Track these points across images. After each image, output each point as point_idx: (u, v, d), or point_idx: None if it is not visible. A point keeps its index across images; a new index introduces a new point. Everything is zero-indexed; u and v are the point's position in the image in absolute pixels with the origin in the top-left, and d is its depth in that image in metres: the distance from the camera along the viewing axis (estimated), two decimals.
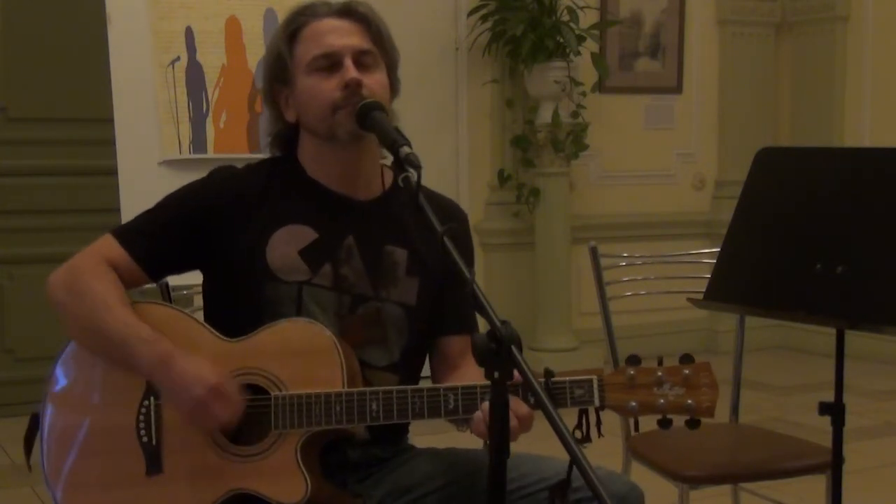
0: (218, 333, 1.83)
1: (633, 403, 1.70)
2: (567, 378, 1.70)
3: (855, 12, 6.21)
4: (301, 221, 1.90)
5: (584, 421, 1.69)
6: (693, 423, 1.71)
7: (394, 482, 1.93)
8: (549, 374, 1.65)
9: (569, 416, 1.51)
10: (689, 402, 1.70)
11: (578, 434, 1.66)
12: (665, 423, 1.72)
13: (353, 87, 1.84)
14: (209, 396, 1.73)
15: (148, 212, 1.95)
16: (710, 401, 1.71)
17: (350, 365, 1.79)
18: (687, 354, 1.73)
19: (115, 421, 1.82)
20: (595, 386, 1.70)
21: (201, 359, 1.77)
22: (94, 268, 1.85)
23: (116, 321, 1.79)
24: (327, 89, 1.86)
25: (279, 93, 1.94)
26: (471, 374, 1.81)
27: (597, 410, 1.70)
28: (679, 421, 1.73)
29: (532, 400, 1.65)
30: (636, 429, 1.77)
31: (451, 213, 1.99)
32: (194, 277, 2.00)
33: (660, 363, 1.72)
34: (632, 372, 1.71)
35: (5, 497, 3.94)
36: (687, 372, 1.71)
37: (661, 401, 1.70)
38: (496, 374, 1.41)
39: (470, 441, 1.86)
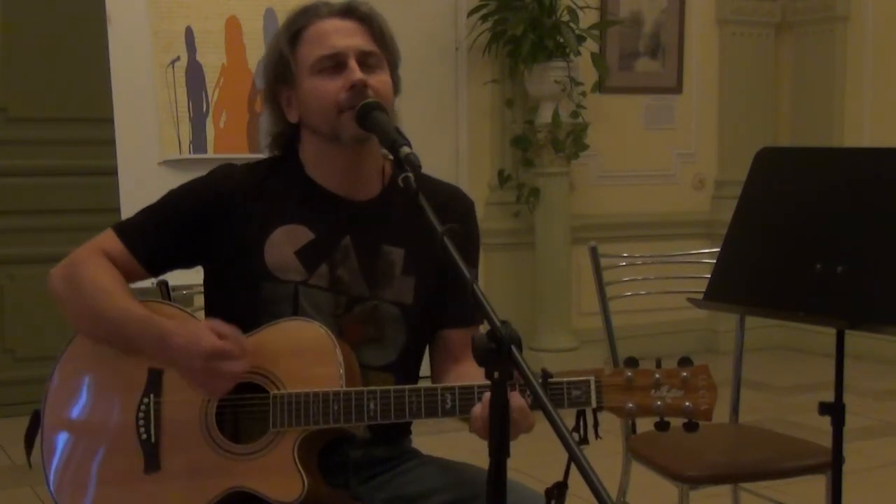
0: None
1: (631, 405, 1.70)
2: (564, 379, 1.70)
3: (855, 12, 6.21)
4: (298, 221, 1.91)
5: (581, 422, 1.68)
6: (691, 427, 1.70)
7: (397, 489, 1.92)
8: (546, 374, 1.65)
9: (567, 418, 1.51)
10: (687, 404, 1.69)
11: (576, 436, 1.65)
12: (662, 426, 1.70)
13: (358, 88, 1.84)
14: (209, 362, 1.73)
15: (149, 208, 1.96)
16: (708, 404, 1.70)
17: (349, 364, 1.79)
18: (686, 357, 1.72)
19: (115, 419, 1.83)
20: (592, 387, 1.69)
21: (193, 325, 1.78)
22: (93, 259, 1.87)
23: (113, 306, 1.81)
24: (332, 90, 1.86)
25: (281, 93, 1.94)
26: (472, 370, 1.80)
27: (594, 412, 1.70)
28: (677, 423, 1.73)
29: (530, 399, 1.65)
30: (633, 430, 1.77)
31: (455, 202, 1.98)
32: (194, 277, 2.01)
33: (658, 365, 1.72)
34: (630, 374, 1.70)
35: (5, 497, 3.94)
36: (685, 374, 1.70)
37: (659, 403, 1.69)
38: (496, 374, 1.41)
39: (474, 444, 1.85)
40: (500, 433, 1.41)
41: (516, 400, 1.60)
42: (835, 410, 2.14)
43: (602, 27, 5.83)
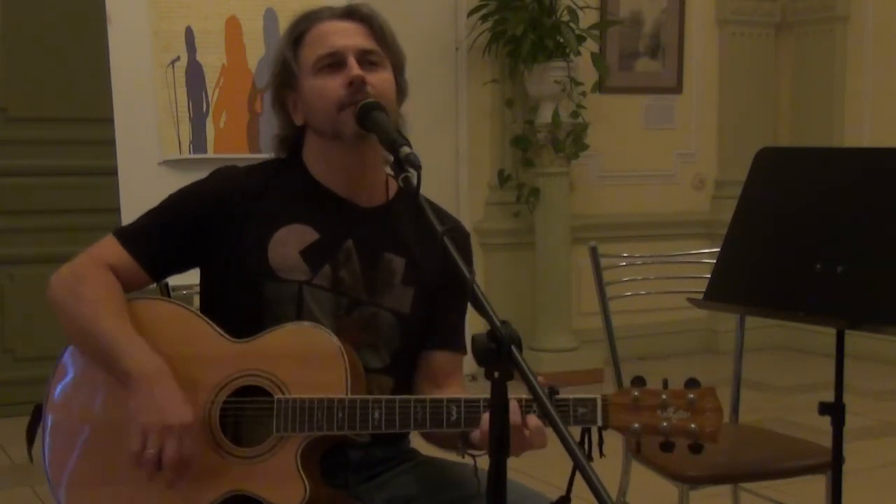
0: (224, 333, 1.83)
1: (637, 425, 1.69)
2: (571, 396, 1.70)
3: (855, 12, 6.21)
4: (303, 221, 1.91)
5: (586, 440, 1.68)
6: (696, 448, 1.69)
7: (396, 489, 1.93)
8: (553, 391, 1.64)
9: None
10: (693, 426, 1.68)
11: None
12: (667, 447, 1.70)
13: (357, 84, 1.85)
14: (180, 429, 1.72)
15: (150, 212, 1.95)
16: (714, 426, 1.69)
17: (355, 372, 1.79)
18: (693, 379, 1.71)
19: (117, 419, 1.81)
20: (598, 406, 1.69)
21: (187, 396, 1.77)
22: (96, 272, 1.86)
23: (109, 330, 1.79)
24: (332, 88, 1.86)
25: (287, 97, 1.95)
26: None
27: (599, 430, 1.70)
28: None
29: (535, 407, 1.64)
30: (638, 450, 1.76)
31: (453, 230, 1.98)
32: (195, 277, 2.00)
33: (665, 386, 1.71)
34: (636, 393, 1.70)
35: (5, 497, 3.94)
36: (692, 396, 1.69)
37: (665, 424, 1.69)
38: (496, 374, 1.41)
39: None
40: (500, 433, 1.41)
41: (533, 420, 1.63)
42: (835, 410, 2.14)
43: (602, 27, 5.84)
